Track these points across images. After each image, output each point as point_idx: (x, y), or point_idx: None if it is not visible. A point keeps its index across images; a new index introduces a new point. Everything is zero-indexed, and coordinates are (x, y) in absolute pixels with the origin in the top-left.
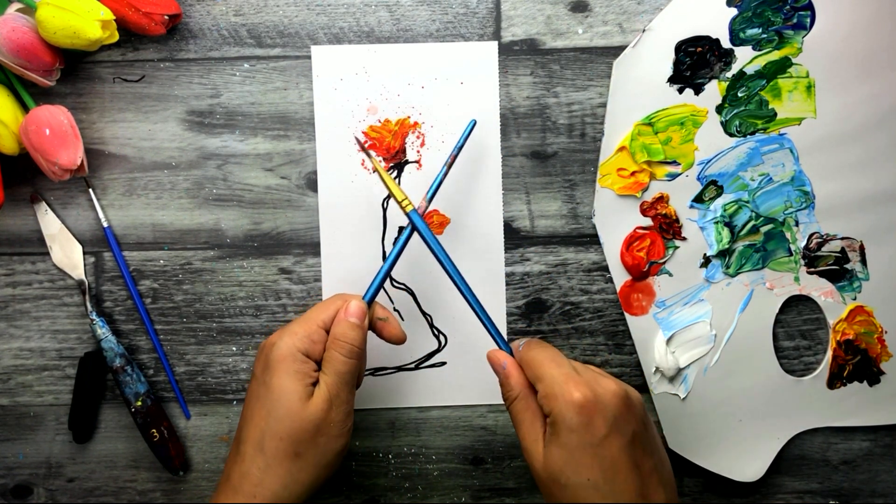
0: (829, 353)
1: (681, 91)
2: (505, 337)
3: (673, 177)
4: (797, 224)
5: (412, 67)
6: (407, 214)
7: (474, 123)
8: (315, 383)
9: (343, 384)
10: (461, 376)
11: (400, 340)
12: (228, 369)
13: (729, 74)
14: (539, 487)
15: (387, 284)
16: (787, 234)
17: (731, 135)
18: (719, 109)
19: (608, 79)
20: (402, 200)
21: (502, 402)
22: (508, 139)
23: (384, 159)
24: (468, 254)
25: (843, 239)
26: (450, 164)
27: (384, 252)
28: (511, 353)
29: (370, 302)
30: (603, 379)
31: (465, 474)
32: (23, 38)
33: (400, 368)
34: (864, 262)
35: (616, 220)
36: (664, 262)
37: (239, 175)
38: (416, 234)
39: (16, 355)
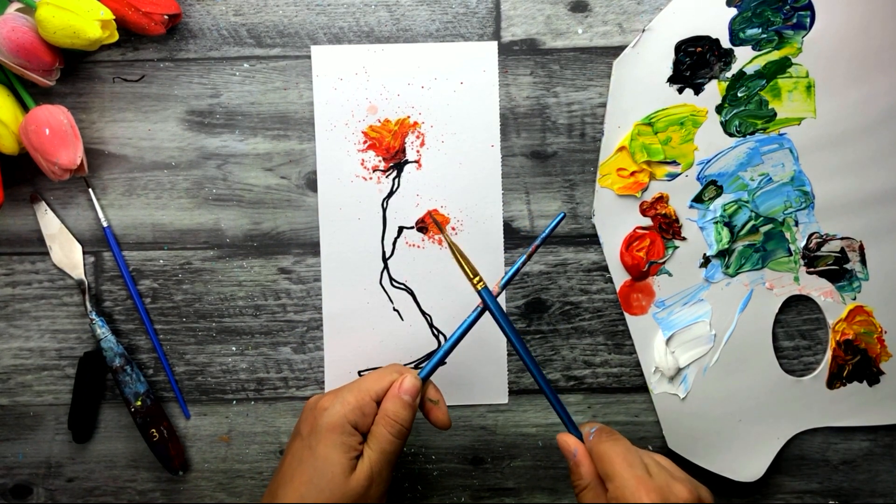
0: (829, 353)
1: (681, 91)
2: (573, 418)
3: (673, 177)
4: (797, 224)
5: (412, 67)
6: (479, 293)
7: (563, 216)
8: (359, 456)
9: (386, 462)
10: (461, 376)
11: (444, 426)
12: (228, 369)
13: (729, 74)
14: None
15: (386, 284)
16: (787, 234)
17: (730, 135)
18: (719, 109)
19: (608, 79)
20: (474, 278)
21: (502, 402)
22: (508, 139)
23: (384, 159)
24: (468, 254)
25: (842, 239)
26: (530, 254)
27: (384, 252)
28: (580, 437)
29: (425, 379)
30: (676, 484)
31: (465, 474)
32: (23, 38)
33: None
34: (863, 262)
35: (616, 220)
36: (664, 262)
37: (239, 175)
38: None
39: (16, 355)
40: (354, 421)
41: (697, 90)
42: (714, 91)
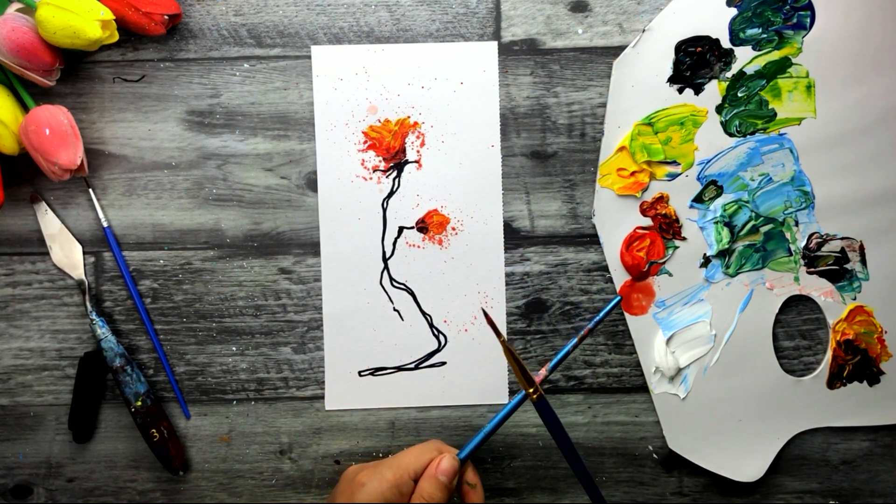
0: (829, 353)
1: (681, 91)
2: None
3: (673, 177)
4: (797, 224)
5: (412, 67)
6: (534, 404)
7: (620, 300)
8: None
9: None
10: (461, 376)
11: None
12: (228, 369)
13: (729, 74)
14: None
15: (387, 284)
16: (787, 234)
17: (731, 135)
18: (719, 109)
19: (608, 79)
20: (530, 388)
21: (503, 402)
22: (508, 139)
23: (384, 159)
24: (468, 254)
25: (842, 239)
26: (582, 338)
27: (384, 252)
28: None
29: (464, 460)
30: None
31: None
32: (23, 38)
33: (400, 368)
34: (863, 262)
35: (616, 220)
36: (664, 262)
37: (239, 175)
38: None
39: (16, 355)
40: (390, 499)
41: (697, 90)
42: (714, 91)
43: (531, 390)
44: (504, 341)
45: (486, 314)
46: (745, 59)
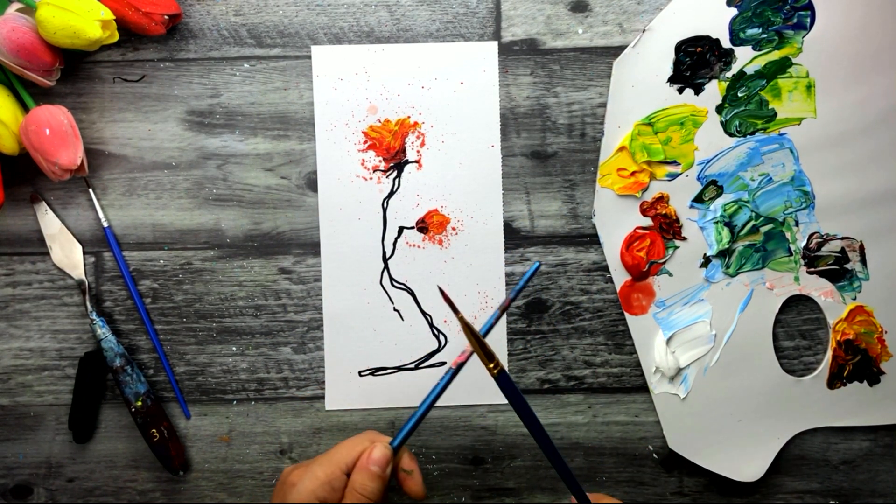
0: (829, 353)
1: (681, 91)
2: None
3: (673, 177)
4: (797, 224)
5: (412, 67)
6: (496, 379)
7: (539, 265)
8: None
9: None
10: (461, 376)
11: (419, 497)
12: (228, 369)
13: (729, 74)
14: None
15: (387, 284)
16: (787, 234)
17: (731, 135)
18: (719, 109)
19: (608, 79)
20: (490, 363)
21: (502, 402)
22: (508, 139)
23: (384, 159)
24: (468, 254)
25: (843, 239)
26: (504, 308)
27: (384, 252)
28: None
29: (397, 448)
30: None
31: (465, 474)
32: (23, 38)
33: (400, 368)
34: (864, 262)
35: (616, 220)
36: (664, 262)
37: (239, 175)
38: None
39: (16, 355)
40: (324, 497)
41: (698, 90)
42: (714, 91)
43: (491, 365)
44: (462, 318)
45: (442, 292)
46: (746, 59)
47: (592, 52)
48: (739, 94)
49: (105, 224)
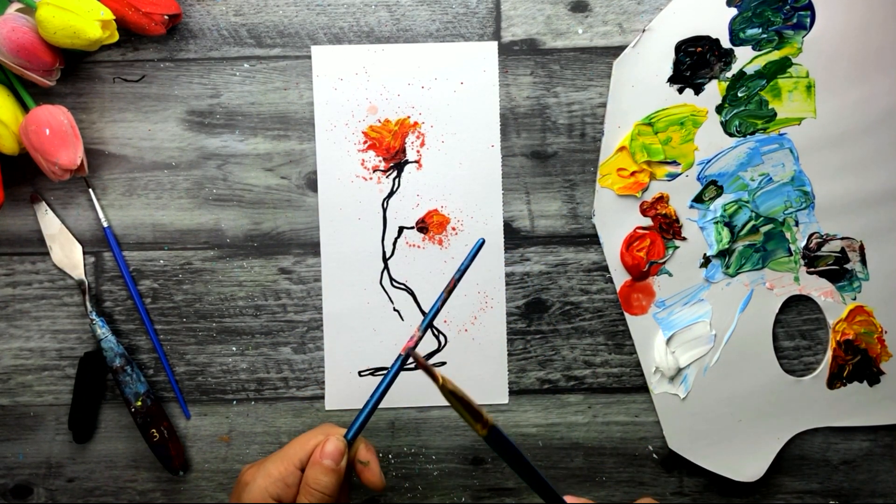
0: (829, 353)
1: (681, 91)
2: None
3: (673, 177)
4: (797, 224)
5: (412, 67)
6: (485, 439)
7: (482, 242)
8: None
9: None
10: (461, 376)
11: (377, 489)
12: (228, 369)
13: (729, 74)
14: None
15: (387, 284)
16: (787, 234)
17: (731, 135)
18: (719, 109)
19: (608, 79)
20: (479, 426)
21: (502, 402)
22: (508, 139)
23: (384, 159)
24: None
25: (843, 239)
26: (449, 290)
27: (384, 252)
28: None
29: (352, 440)
30: None
31: (465, 474)
32: (23, 38)
33: (400, 368)
34: (864, 262)
35: (616, 220)
36: (664, 262)
37: (239, 175)
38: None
39: (16, 355)
40: (277, 494)
41: (697, 90)
42: (714, 91)
43: (479, 426)
44: (442, 385)
45: (417, 358)
46: (745, 59)
47: (592, 52)
48: (739, 94)
49: (105, 224)
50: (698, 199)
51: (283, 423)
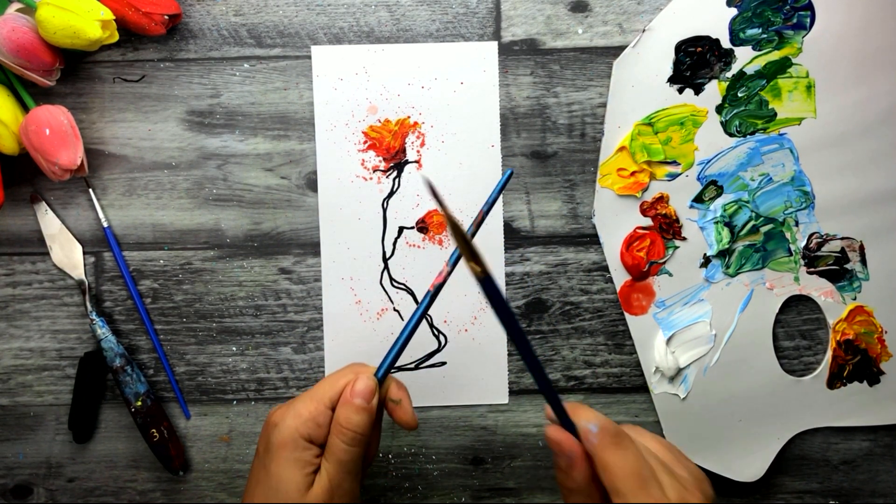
0: (829, 353)
1: (681, 91)
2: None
3: (673, 177)
4: (797, 224)
5: (412, 67)
6: (480, 282)
7: (511, 173)
8: (317, 470)
9: (346, 473)
10: (461, 376)
11: (410, 427)
12: (228, 369)
13: (729, 74)
14: None
15: (387, 284)
16: (787, 234)
17: (731, 135)
18: (719, 109)
19: (608, 79)
20: (478, 269)
21: (502, 402)
22: (508, 139)
23: (384, 159)
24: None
25: (843, 239)
26: (478, 222)
27: (384, 252)
28: (573, 430)
29: (383, 378)
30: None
31: (465, 474)
32: (23, 38)
33: (400, 368)
34: (864, 262)
35: (616, 220)
36: (664, 262)
37: (239, 175)
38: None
39: (16, 355)
40: (308, 434)
41: (697, 90)
42: (714, 91)
43: (479, 270)
44: (450, 216)
45: (429, 185)
46: (745, 59)
47: (592, 52)
48: (739, 94)
49: (105, 224)
50: (698, 199)
51: None
